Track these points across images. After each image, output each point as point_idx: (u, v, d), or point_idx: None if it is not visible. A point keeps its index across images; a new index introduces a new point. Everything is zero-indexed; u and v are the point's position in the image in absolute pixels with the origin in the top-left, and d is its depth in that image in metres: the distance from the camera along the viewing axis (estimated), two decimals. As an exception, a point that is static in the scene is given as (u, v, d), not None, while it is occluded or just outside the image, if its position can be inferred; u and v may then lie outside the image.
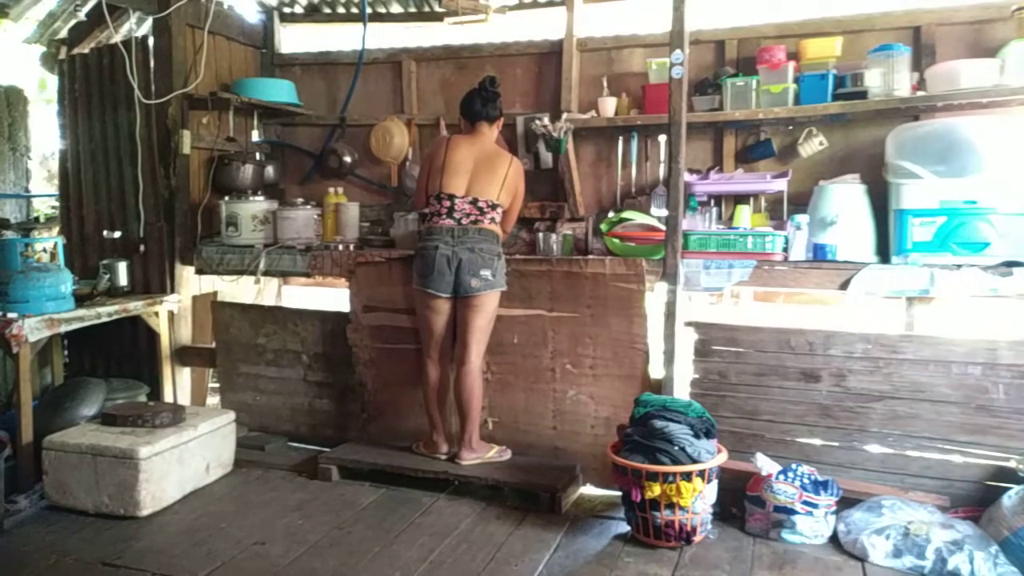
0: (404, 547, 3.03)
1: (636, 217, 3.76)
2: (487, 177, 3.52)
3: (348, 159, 4.67)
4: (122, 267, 4.18)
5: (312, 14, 4.91)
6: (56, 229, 4.79)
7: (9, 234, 3.94)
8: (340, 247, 4.03)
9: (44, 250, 3.92)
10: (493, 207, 3.53)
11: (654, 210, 3.91)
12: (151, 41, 4.30)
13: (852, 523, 3.00)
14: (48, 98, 5.59)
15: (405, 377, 3.90)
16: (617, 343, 3.55)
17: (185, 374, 4.43)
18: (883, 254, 3.45)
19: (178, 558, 2.95)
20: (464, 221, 3.50)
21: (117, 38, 4.46)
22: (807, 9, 4.06)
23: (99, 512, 3.31)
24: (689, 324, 3.46)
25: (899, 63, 3.50)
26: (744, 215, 3.76)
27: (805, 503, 3.00)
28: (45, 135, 5.56)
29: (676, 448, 2.97)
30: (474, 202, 3.51)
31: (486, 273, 3.45)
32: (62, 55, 4.63)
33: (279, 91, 4.57)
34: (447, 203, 3.52)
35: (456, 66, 4.55)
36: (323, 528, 3.20)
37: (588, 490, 3.62)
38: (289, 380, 4.20)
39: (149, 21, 4.31)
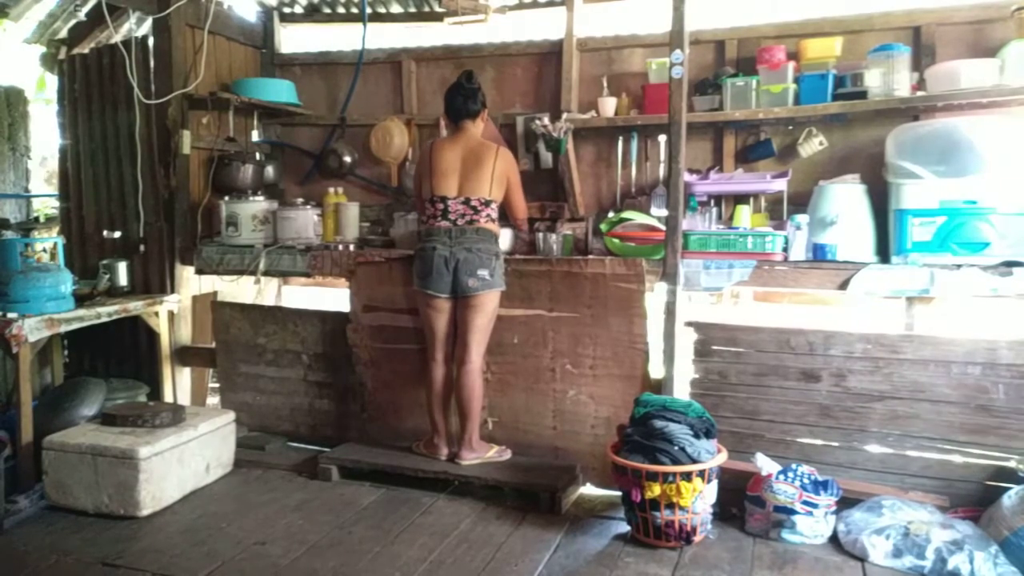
0: (404, 547, 3.03)
1: (636, 217, 3.77)
2: (475, 174, 3.52)
3: (348, 159, 4.67)
4: (122, 267, 4.18)
5: (312, 14, 4.91)
6: (56, 229, 4.79)
7: (9, 234, 3.94)
8: (340, 247, 4.03)
9: (44, 250, 3.93)
10: (486, 204, 3.53)
11: (654, 210, 3.91)
12: (151, 41, 4.30)
13: (852, 523, 3.00)
14: (48, 98, 5.59)
15: (405, 377, 3.91)
16: (617, 343, 3.55)
17: (185, 374, 4.43)
18: (883, 254, 3.45)
19: (178, 558, 2.95)
20: (460, 222, 3.50)
21: (117, 38, 4.46)
22: (807, 9, 4.07)
23: (99, 512, 3.31)
24: (689, 324, 3.46)
25: (899, 63, 3.51)
26: (744, 215, 3.76)
27: (805, 503, 3.00)
28: (45, 135, 5.55)
29: (676, 448, 2.97)
30: (466, 201, 3.51)
31: (483, 273, 3.45)
32: (62, 55, 4.63)
33: (279, 91, 4.57)
34: (440, 205, 3.52)
35: (456, 66, 4.53)
36: (323, 528, 3.20)
37: (588, 490, 3.62)
38: (289, 380, 4.20)
39: (149, 21, 4.31)
